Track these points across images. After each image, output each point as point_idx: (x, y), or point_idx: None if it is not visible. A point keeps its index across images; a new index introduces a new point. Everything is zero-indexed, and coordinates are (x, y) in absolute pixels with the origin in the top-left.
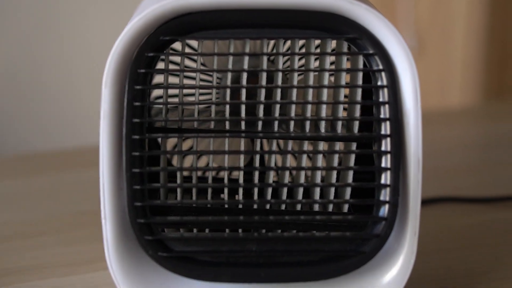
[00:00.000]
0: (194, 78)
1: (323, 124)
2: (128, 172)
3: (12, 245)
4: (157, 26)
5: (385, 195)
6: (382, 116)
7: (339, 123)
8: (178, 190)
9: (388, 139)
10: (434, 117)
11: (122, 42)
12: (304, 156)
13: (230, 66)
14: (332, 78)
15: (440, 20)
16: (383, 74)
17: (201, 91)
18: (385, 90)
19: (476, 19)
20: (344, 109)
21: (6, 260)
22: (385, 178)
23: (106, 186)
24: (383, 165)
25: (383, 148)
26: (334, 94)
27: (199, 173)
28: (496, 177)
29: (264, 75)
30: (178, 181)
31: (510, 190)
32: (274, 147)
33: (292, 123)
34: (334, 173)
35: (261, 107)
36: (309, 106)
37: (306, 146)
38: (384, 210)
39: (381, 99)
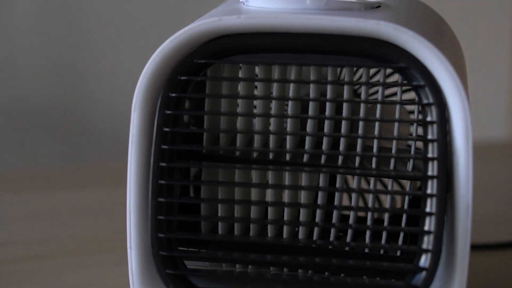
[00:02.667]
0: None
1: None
2: (153, 201)
3: (67, 262)
4: (192, 48)
5: (428, 242)
6: (430, 154)
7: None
8: (220, 224)
9: (435, 181)
10: None
11: (152, 64)
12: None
13: (274, 93)
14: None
15: None
16: (432, 108)
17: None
18: (434, 126)
19: None
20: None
21: (58, 278)
22: (430, 223)
23: (132, 214)
24: (428, 209)
25: (429, 190)
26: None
27: None
28: None
29: (315, 104)
30: (221, 213)
31: None
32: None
33: (340, 157)
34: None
35: (308, 139)
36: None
37: (357, 182)
38: (426, 259)
39: (429, 136)
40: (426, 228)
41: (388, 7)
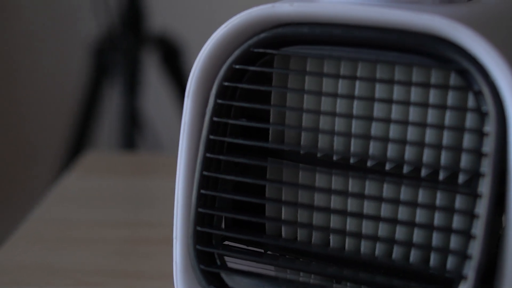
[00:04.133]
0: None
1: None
2: (196, 192)
3: None
4: (250, 36)
5: (469, 267)
6: (483, 169)
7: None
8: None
9: (484, 199)
10: None
11: (207, 50)
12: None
13: (339, 90)
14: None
15: None
16: (491, 117)
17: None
18: (490, 137)
19: None
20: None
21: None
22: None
23: (180, 204)
24: (473, 229)
25: (477, 210)
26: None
27: None
28: None
29: (378, 105)
30: (284, 216)
31: None
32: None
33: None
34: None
35: (372, 143)
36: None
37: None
38: (467, 286)
39: (484, 149)
40: (469, 252)
41: (476, 4)
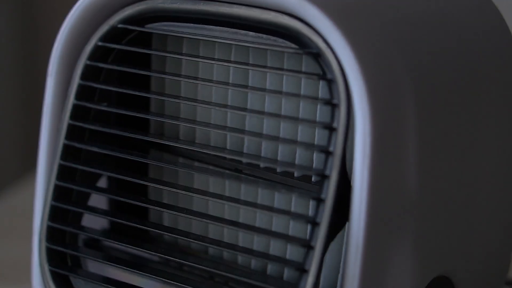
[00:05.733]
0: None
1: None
2: (52, 183)
3: None
4: (117, 8)
5: (305, 282)
6: (327, 171)
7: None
8: None
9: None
10: None
11: (70, 23)
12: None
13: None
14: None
15: None
16: (341, 110)
17: None
18: (339, 134)
19: None
20: None
21: None
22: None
23: (38, 195)
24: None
25: (318, 216)
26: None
27: None
28: None
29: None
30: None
31: None
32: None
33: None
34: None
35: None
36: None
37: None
38: None
39: (331, 147)
40: (307, 263)
41: None
